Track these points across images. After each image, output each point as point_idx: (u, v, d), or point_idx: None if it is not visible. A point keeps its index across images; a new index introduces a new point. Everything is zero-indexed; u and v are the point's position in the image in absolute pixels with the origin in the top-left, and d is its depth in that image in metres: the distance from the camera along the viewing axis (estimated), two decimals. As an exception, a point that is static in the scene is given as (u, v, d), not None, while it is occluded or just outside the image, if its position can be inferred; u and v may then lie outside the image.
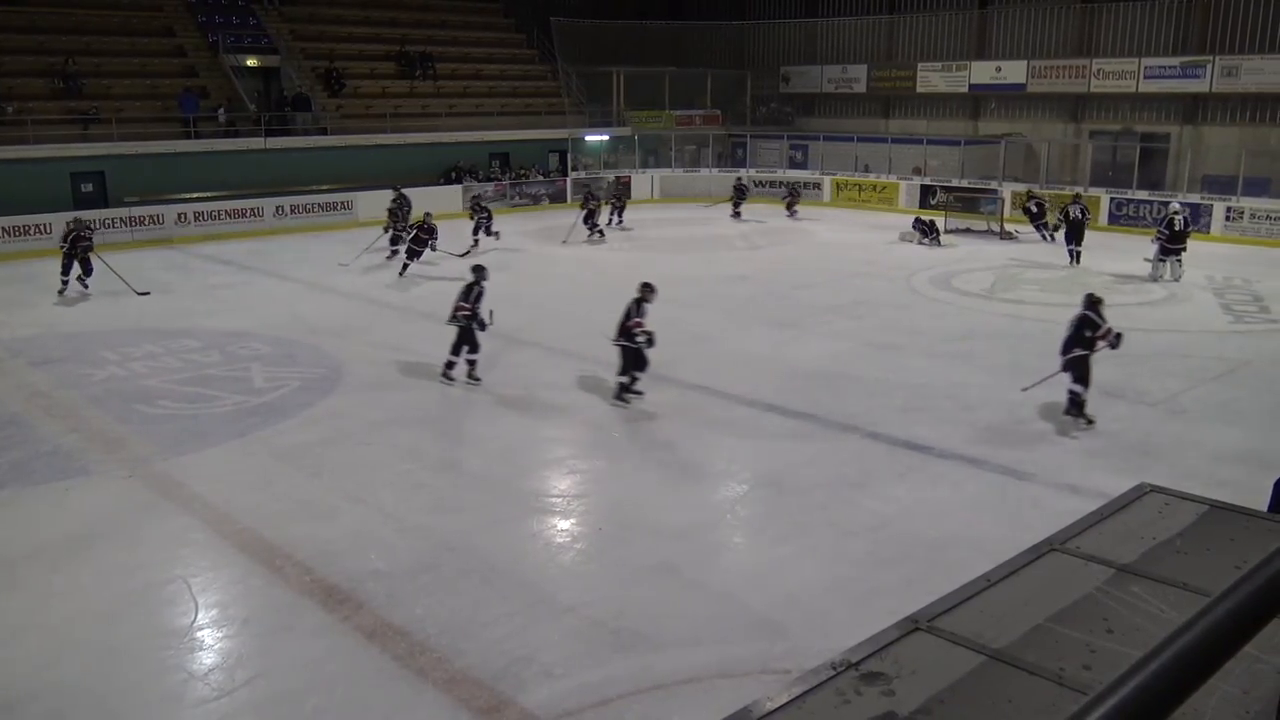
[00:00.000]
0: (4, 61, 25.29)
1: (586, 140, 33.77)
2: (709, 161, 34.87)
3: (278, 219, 26.65)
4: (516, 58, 36.08)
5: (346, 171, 28.29)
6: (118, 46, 27.73)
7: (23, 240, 22.99)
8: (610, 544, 8.12)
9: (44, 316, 16.62)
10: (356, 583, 7.32)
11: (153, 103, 26.75)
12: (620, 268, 21.12)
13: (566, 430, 11.08)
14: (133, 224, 24.51)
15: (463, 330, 12.29)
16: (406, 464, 9.80)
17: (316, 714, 5.85)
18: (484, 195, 27.66)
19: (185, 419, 11.17)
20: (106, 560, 7.79)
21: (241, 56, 29.39)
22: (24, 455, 10.05)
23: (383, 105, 30.60)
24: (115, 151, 24.87)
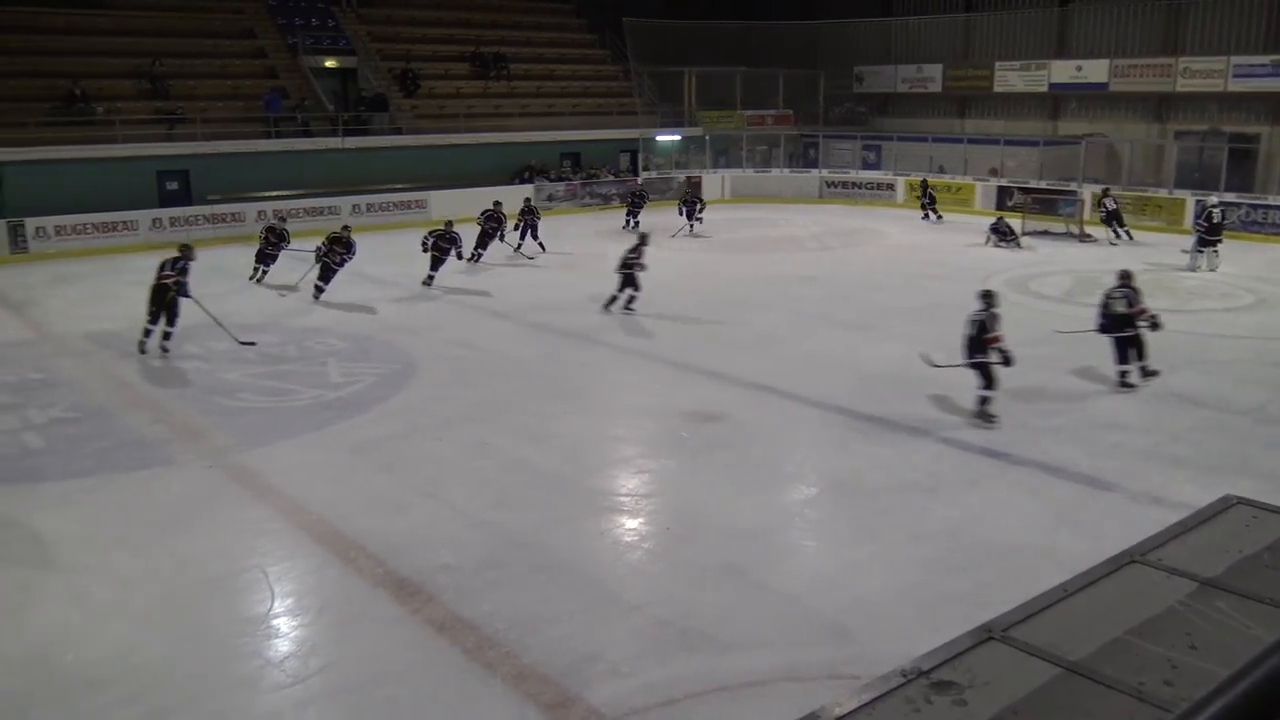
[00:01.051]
0: (94, 63, 26.15)
1: (657, 140, 33.80)
2: (780, 162, 34.69)
3: (353, 217, 27.09)
4: (589, 58, 36.26)
5: (420, 171, 28.71)
6: (202, 48, 28.49)
7: (111, 236, 23.76)
8: (678, 544, 8.12)
9: (131, 310, 17.10)
10: (426, 576, 7.43)
11: (235, 103, 27.44)
12: (689, 268, 21.12)
13: (635, 429, 11.11)
14: (215, 221, 25.17)
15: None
16: (477, 460, 9.92)
17: (387, 704, 5.95)
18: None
19: (264, 412, 11.44)
20: (188, 547, 8.02)
21: (320, 58, 30.01)
22: (111, 444, 10.39)
23: (456, 105, 30.98)
24: (199, 151, 25.59)
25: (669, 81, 34.26)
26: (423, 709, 5.90)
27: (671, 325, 15.63)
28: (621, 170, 33.15)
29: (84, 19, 27.27)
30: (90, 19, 27.38)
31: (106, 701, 5.95)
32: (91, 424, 11.03)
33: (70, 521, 8.54)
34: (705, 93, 35.18)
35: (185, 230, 24.52)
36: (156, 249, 23.50)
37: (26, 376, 12.88)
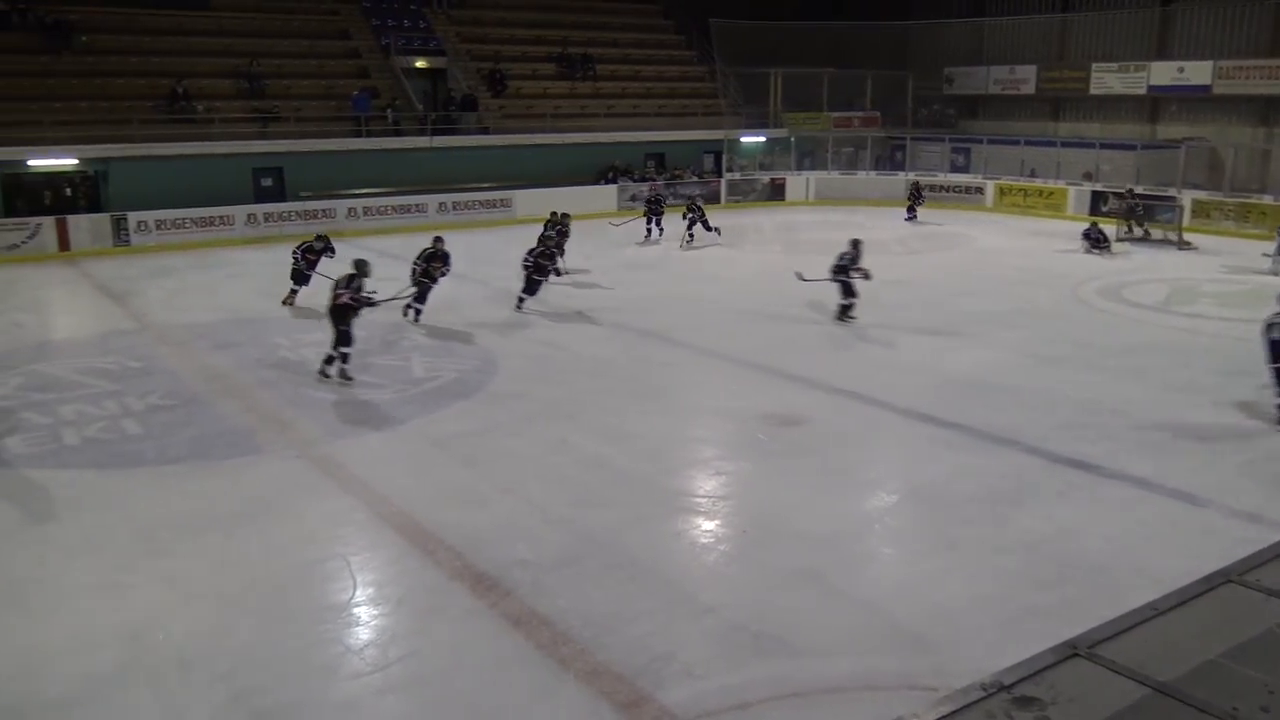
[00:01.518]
0: (196, 63, 27.02)
1: (742, 141, 33.67)
2: (867, 164, 34.28)
3: (440, 215, 27.59)
4: (675, 58, 36.29)
5: (506, 170, 29.06)
6: (297, 49, 29.24)
7: (208, 230, 24.53)
8: (754, 547, 8.08)
9: (226, 302, 17.70)
10: (504, 570, 7.51)
11: (328, 102, 28.11)
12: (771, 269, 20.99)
13: (714, 431, 11.08)
14: (307, 217, 25.78)
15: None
16: (555, 457, 9.99)
17: (463, 695, 6.04)
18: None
19: (349, 405, 11.70)
20: (274, 535, 8.24)
21: (411, 58, 30.55)
22: (203, 432, 10.73)
23: (543, 105, 31.27)
24: (293, 148, 26.27)
25: (755, 82, 34.08)
26: (498, 702, 5.97)
27: (752, 327, 15.55)
28: (705, 171, 33.10)
29: (187, 20, 28.21)
30: (193, 20, 28.31)
31: (195, 680, 6.15)
32: (186, 412, 11.40)
33: (164, 506, 8.84)
34: (791, 94, 34.92)
35: (278, 226, 25.23)
36: (251, 243, 24.33)
37: (126, 364, 13.37)
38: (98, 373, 12.97)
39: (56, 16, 25.97)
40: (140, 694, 6.03)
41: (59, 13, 26.11)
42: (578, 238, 21.41)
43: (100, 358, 13.78)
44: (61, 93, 24.72)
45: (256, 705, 5.90)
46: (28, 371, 13.06)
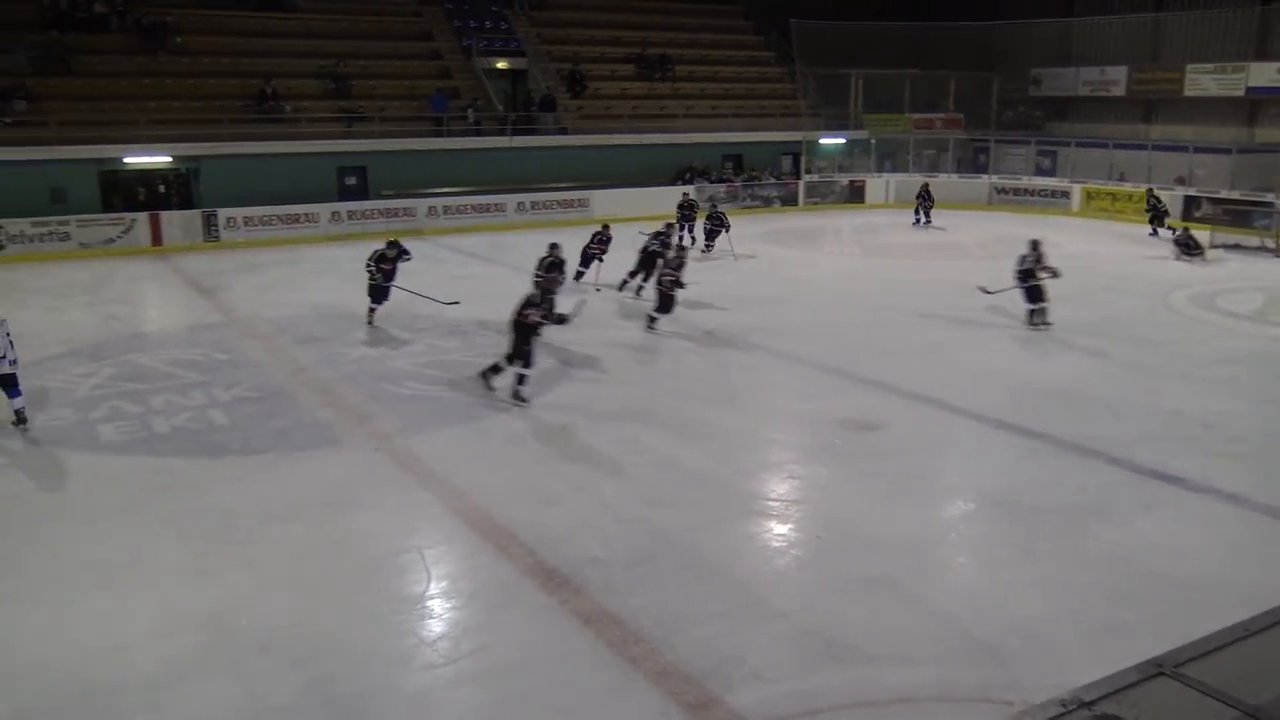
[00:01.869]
0: (283, 64, 27.70)
1: (821, 143, 33.39)
2: (948, 166, 33.73)
3: (518, 214, 27.89)
4: (754, 59, 36.14)
5: (584, 170, 29.23)
6: (382, 50, 29.78)
7: (294, 227, 25.14)
8: (827, 552, 8.00)
9: (309, 297, 18.11)
10: (575, 568, 7.55)
11: (410, 102, 28.57)
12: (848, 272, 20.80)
13: (788, 434, 11.00)
14: (388, 215, 26.28)
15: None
16: (628, 456, 10.02)
17: (533, 691, 6.08)
18: (717, 198, 27.84)
19: (427, 400, 11.87)
20: (352, 526, 8.40)
21: (492, 59, 30.92)
22: (286, 424, 10.99)
23: (621, 106, 31.39)
24: (376, 148, 26.78)
25: (834, 84, 33.77)
26: (567, 699, 6.00)
27: (828, 330, 15.41)
28: (783, 173, 32.90)
29: (276, 22, 28.93)
30: (282, 22, 29.02)
31: (274, 666, 6.30)
32: (270, 404, 11.69)
33: (247, 495, 9.07)
34: (872, 95, 34.53)
35: (361, 224, 25.75)
36: (335, 240, 24.87)
37: (214, 357, 13.76)
38: (186, 364, 13.37)
39: (154, 19, 26.84)
40: (222, 677, 6.19)
41: (156, 15, 26.99)
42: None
43: (189, 350, 14.21)
44: (157, 92, 25.54)
45: (332, 693, 6.02)
46: (120, 362, 13.53)
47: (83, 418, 11.17)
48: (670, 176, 30.90)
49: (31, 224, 22.53)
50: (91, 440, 10.48)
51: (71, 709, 5.88)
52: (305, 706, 5.89)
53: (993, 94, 35.22)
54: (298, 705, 5.90)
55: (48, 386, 12.38)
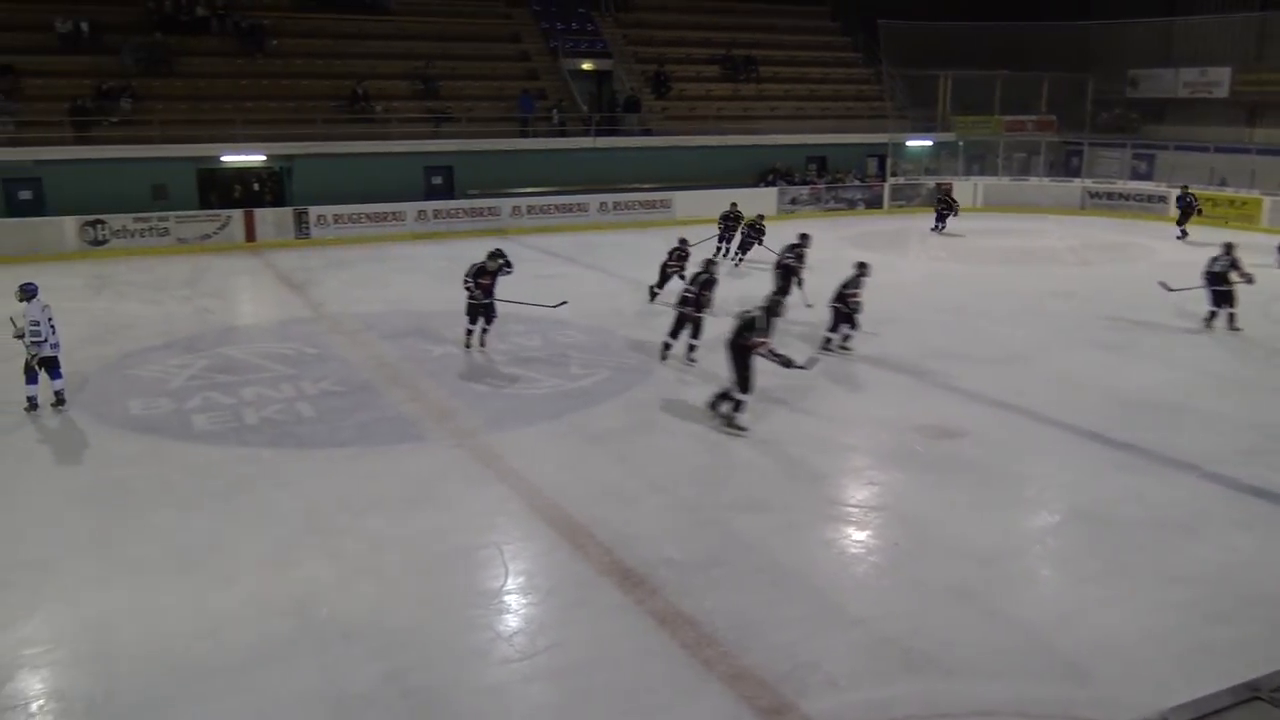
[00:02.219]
0: (375, 65, 28.28)
1: (907, 145, 32.93)
2: (1039, 170, 32.98)
3: (601, 214, 28.05)
4: (841, 60, 35.79)
5: (667, 171, 29.27)
6: (470, 52, 30.21)
7: (381, 225, 25.65)
8: (906, 561, 7.88)
9: (395, 295, 18.47)
10: (651, 568, 7.56)
11: (497, 103, 28.93)
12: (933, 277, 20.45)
13: (867, 439, 10.86)
14: (473, 214, 26.65)
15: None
16: (707, 458, 10.00)
17: (606, 689, 6.11)
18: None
19: (507, 397, 12.01)
20: (432, 520, 8.53)
21: (578, 60, 31.15)
22: (370, 418, 11.22)
23: (706, 107, 31.36)
24: (463, 148, 27.19)
25: (923, 85, 33.28)
26: (640, 698, 6.01)
27: (912, 336, 15.17)
28: (868, 175, 32.51)
29: (369, 24, 29.55)
30: (375, 24, 29.64)
31: (355, 654, 6.43)
32: (355, 398, 11.95)
33: (332, 486, 9.28)
34: (961, 96, 33.94)
35: (446, 222, 26.18)
36: (421, 239, 25.32)
37: (303, 350, 14.11)
38: (276, 357, 13.73)
39: (251, 21, 27.65)
40: (306, 663, 6.35)
41: (253, 18, 27.79)
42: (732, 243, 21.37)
43: (279, 343, 14.60)
44: (253, 93, 26.30)
45: (410, 683, 6.13)
46: (214, 354, 13.96)
47: (178, 407, 11.55)
48: (753, 178, 30.77)
49: (133, 219, 23.39)
50: (186, 429, 10.84)
51: (162, 689, 6.08)
52: (384, 696, 6.00)
53: (1087, 95, 34.32)
54: (377, 694, 6.02)
55: (145, 376, 12.84)
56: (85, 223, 22.99)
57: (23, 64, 24.69)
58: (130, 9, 26.86)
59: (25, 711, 5.86)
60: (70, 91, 24.40)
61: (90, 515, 8.65)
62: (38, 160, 23.19)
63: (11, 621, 6.85)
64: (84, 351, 14.11)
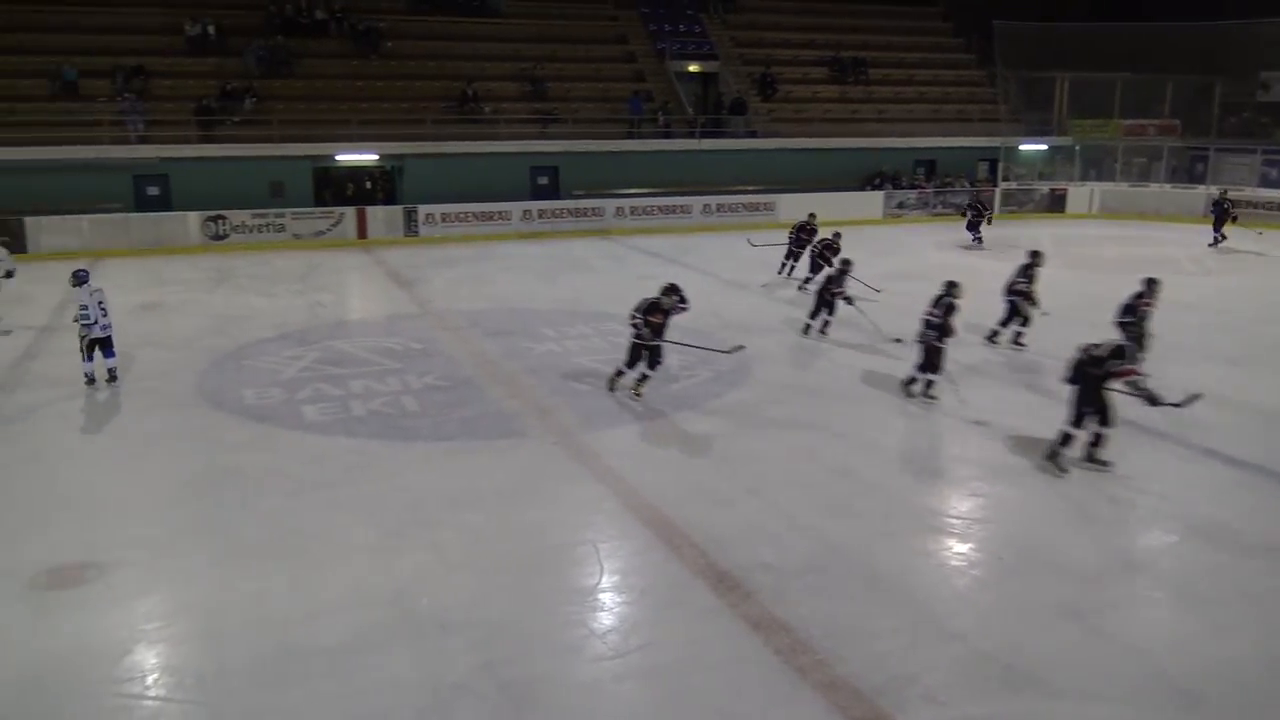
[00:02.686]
0: (484, 67, 28.79)
1: (1020, 149, 32.06)
2: (1160, 175, 31.75)
3: (704, 216, 28.03)
4: (952, 62, 35.07)
5: (771, 173, 29.11)
6: (578, 54, 30.51)
7: (487, 224, 26.11)
8: (1009, 576, 7.66)
9: (499, 292, 18.76)
10: (746, 572, 7.51)
11: (603, 105, 29.14)
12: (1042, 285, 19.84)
13: (973, 450, 10.59)
14: (577, 215, 26.90)
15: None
16: (804, 463, 9.89)
17: (698, 692, 6.08)
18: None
19: (606, 397, 12.05)
20: (530, 515, 8.62)
21: (684, 62, 31.19)
22: (473, 413, 11.40)
23: (812, 110, 31.08)
24: (569, 149, 27.48)
25: (1038, 88, 32.39)
26: (732, 702, 5.97)
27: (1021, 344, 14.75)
28: (978, 179, 31.77)
29: (480, 27, 30.11)
30: (485, 27, 30.18)
31: (452, 646, 6.54)
32: (459, 393, 12.16)
33: (434, 479, 9.46)
34: (1078, 99, 32.92)
35: (550, 222, 26.48)
36: (525, 238, 25.68)
37: (409, 346, 14.43)
38: (384, 351, 14.08)
39: (368, 24, 28.42)
40: (402, 652, 6.47)
41: (369, 21, 28.56)
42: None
43: (387, 338, 14.96)
44: (367, 94, 27.05)
45: (504, 676, 6.20)
46: (324, 347, 14.38)
47: (289, 397, 11.93)
48: (859, 181, 30.36)
49: (252, 215, 24.30)
50: (297, 419, 11.18)
51: (268, 668, 6.28)
52: (479, 687, 6.09)
53: (1214, 99, 32.87)
54: (472, 685, 6.11)
55: (259, 366, 13.30)
56: (207, 218, 23.97)
57: (153, 65, 25.85)
58: (254, 12, 27.91)
59: (141, 684, 6.12)
60: (196, 92, 25.47)
61: (205, 498, 9.00)
62: (165, 158, 24.29)
63: (130, 598, 7.17)
64: (203, 342, 14.72)
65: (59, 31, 26.10)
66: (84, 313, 12.01)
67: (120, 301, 17.69)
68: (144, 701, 5.96)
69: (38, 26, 26.10)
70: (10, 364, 13.37)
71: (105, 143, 23.72)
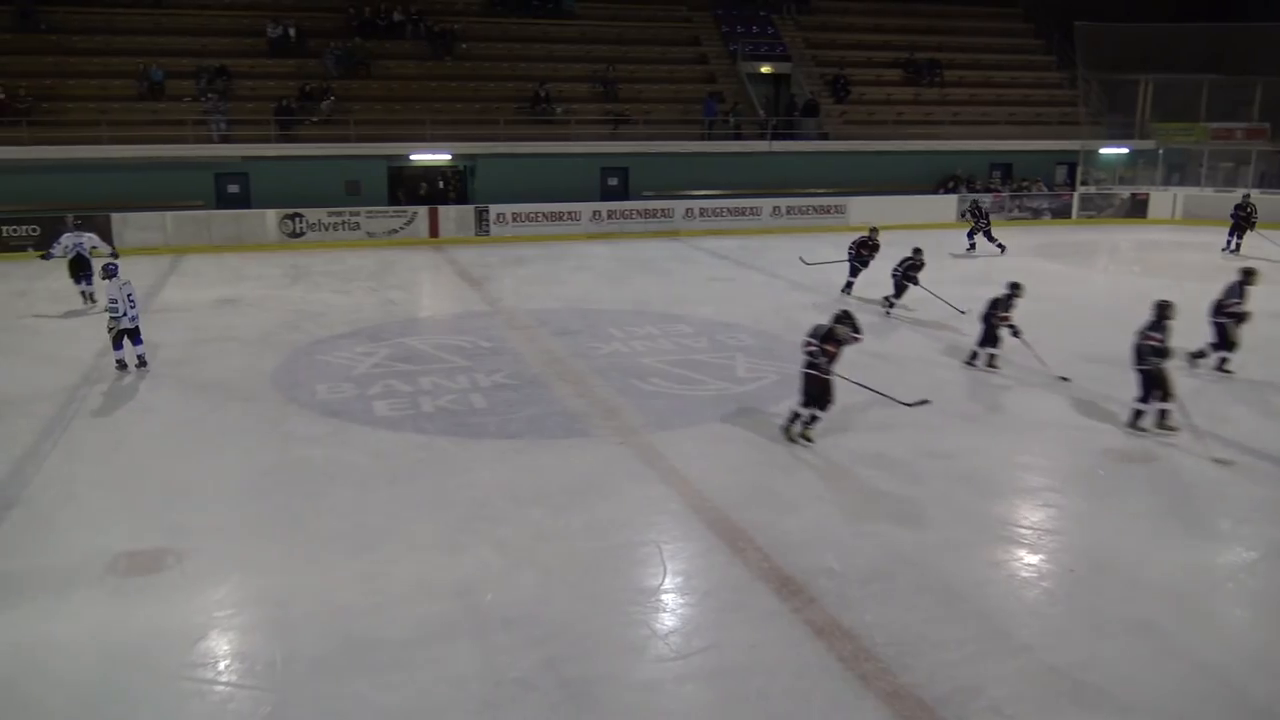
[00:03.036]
0: (557, 68, 28.99)
1: (1100, 153, 31.32)
2: (1248, 181, 30.74)
3: (773, 219, 27.88)
4: (1031, 64, 34.40)
5: (842, 176, 28.85)
6: (650, 55, 30.56)
7: (557, 224, 26.27)
8: (1081, 589, 7.47)
9: (568, 292, 18.87)
10: (810, 577, 7.44)
11: (674, 106, 29.15)
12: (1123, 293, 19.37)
13: (1045, 459, 10.37)
14: (646, 216, 26.94)
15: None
16: (870, 469, 9.77)
17: (759, 696, 6.04)
18: (982, 200, 26.59)
19: (673, 398, 12.06)
20: (595, 515, 8.65)
21: (756, 64, 31.05)
22: (540, 412, 11.48)
23: (885, 112, 30.72)
24: (639, 150, 27.53)
25: (1120, 90, 31.61)
26: (793, 708, 5.92)
27: (1094, 350, 14.40)
28: (1056, 183, 31.11)
29: (553, 28, 30.33)
30: (559, 28, 30.39)
31: (514, 641, 6.58)
32: (526, 391, 12.26)
33: (500, 476, 9.55)
34: (1162, 102, 32.04)
35: (619, 223, 26.55)
36: (594, 238, 25.80)
37: (478, 344, 14.59)
38: (453, 349, 14.25)
39: (443, 26, 28.81)
40: (466, 646, 6.54)
41: (445, 23, 28.95)
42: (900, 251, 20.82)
43: (456, 336, 15.14)
44: (442, 95, 27.42)
45: (566, 673, 6.23)
46: (396, 344, 14.61)
47: (361, 393, 12.14)
48: (932, 185, 29.94)
49: (328, 213, 24.79)
50: (368, 414, 11.38)
51: (334, 658, 6.39)
52: (541, 683, 6.12)
53: (1308, 102, 31.81)
54: (533, 681, 6.15)
55: (332, 362, 13.56)
56: (285, 215, 24.51)
57: (236, 66, 26.52)
58: (333, 15, 28.48)
59: (213, 669, 6.28)
60: (277, 92, 26.07)
61: (277, 490, 9.19)
62: (245, 157, 24.90)
63: (204, 585, 7.35)
64: (279, 336, 15.05)
65: (148, 34, 26.95)
66: (113, 305, 12.73)
67: (200, 296, 18.20)
68: (215, 687, 6.11)
69: (127, 29, 26.98)
70: (95, 354, 13.81)
71: (189, 142, 24.40)
